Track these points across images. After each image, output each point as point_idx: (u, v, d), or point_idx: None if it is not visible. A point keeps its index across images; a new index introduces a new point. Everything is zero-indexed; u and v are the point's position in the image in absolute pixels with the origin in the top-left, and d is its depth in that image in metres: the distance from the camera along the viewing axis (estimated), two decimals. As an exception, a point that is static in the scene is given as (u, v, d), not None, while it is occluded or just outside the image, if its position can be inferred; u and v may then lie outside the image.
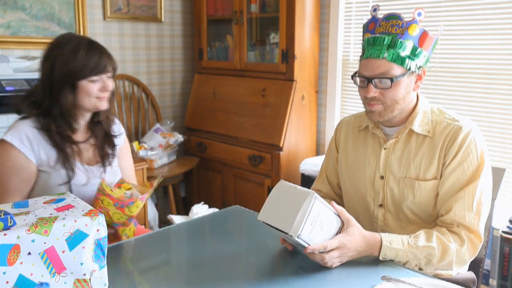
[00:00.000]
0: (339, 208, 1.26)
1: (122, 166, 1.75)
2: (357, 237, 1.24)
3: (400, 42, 1.32)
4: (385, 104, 1.37)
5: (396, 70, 1.33)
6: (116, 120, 1.75)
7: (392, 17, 1.34)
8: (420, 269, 1.32)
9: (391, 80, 1.33)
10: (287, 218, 1.18)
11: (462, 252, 1.32)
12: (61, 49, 1.50)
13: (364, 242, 1.26)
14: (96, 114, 1.64)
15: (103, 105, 1.57)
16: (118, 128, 1.74)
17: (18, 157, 1.48)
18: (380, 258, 1.28)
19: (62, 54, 1.49)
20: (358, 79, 1.39)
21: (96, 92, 1.53)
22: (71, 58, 1.48)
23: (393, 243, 1.28)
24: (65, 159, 1.53)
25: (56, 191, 1.51)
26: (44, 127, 1.52)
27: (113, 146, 1.68)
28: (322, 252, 1.20)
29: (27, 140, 1.49)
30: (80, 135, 1.62)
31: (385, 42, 1.32)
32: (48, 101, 1.52)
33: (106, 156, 1.65)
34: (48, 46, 1.54)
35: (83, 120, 1.60)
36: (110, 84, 1.55)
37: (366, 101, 1.39)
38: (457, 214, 1.33)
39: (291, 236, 1.17)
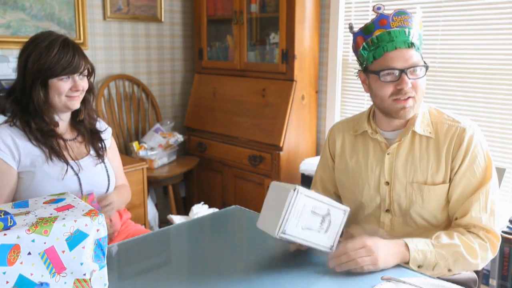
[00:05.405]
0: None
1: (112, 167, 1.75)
2: (379, 240, 1.24)
3: (419, 34, 1.34)
4: (416, 97, 1.34)
5: (421, 59, 1.34)
6: (99, 119, 1.76)
7: (403, 13, 1.34)
8: (449, 270, 1.29)
9: (426, 67, 1.32)
10: (273, 220, 1.17)
11: (484, 250, 1.31)
12: (36, 46, 1.51)
13: (389, 243, 1.25)
14: (76, 113, 1.64)
15: (74, 105, 1.57)
16: (101, 126, 1.75)
17: None
18: (410, 263, 1.24)
19: (36, 50, 1.50)
20: (386, 75, 1.32)
21: (66, 91, 1.53)
22: (43, 55, 1.49)
23: (419, 245, 1.26)
24: (53, 152, 1.53)
25: (49, 188, 1.51)
26: (24, 126, 1.52)
27: (101, 141, 1.70)
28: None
29: (5, 146, 1.49)
30: (66, 134, 1.63)
31: (407, 34, 1.31)
32: (24, 97, 1.53)
33: (98, 149, 1.67)
34: (25, 42, 1.55)
35: (61, 119, 1.61)
36: (82, 84, 1.55)
37: (398, 96, 1.32)
38: (473, 217, 1.33)
39: (278, 237, 1.16)
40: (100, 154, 1.67)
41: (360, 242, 1.22)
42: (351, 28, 1.41)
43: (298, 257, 1.31)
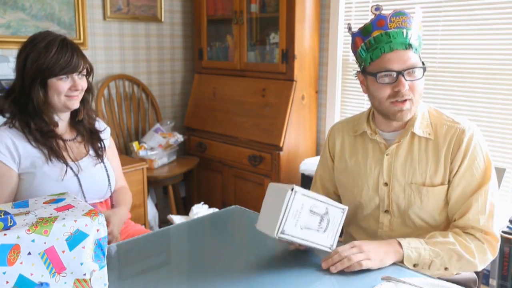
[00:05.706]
0: None
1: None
2: (369, 242, 1.26)
3: (418, 35, 1.33)
4: (413, 99, 1.33)
5: (419, 61, 1.34)
6: (99, 119, 1.76)
7: (401, 14, 1.33)
8: (446, 268, 1.30)
9: (424, 69, 1.32)
10: (272, 221, 1.17)
11: (482, 252, 1.31)
12: (34, 46, 1.50)
13: (381, 242, 1.27)
14: (76, 113, 1.64)
15: (74, 104, 1.56)
16: (100, 125, 1.75)
17: None
18: (405, 261, 1.25)
19: (34, 50, 1.49)
20: (384, 77, 1.32)
21: (66, 90, 1.52)
22: (42, 55, 1.48)
23: (412, 243, 1.27)
24: (52, 153, 1.53)
25: (49, 189, 1.51)
26: (23, 126, 1.52)
27: (100, 140, 1.70)
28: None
29: (5, 149, 1.49)
30: (66, 134, 1.63)
31: (405, 35, 1.31)
32: (23, 97, 1.52)
33: (97, 149, 1.67)
34: (24, 42, 1.54)
35: (61, 119, 1.60)
36: (81, 83, 1.55)
37: (396, 98, 1.32)
38: (471, 218, 1.33)
39: (277, 238, 1.16)
40: (99, 154, 1.67)
41: (350, 244, 1.25)
42: (349, 28, 1.41)
43: (298, 257, 1.31)
